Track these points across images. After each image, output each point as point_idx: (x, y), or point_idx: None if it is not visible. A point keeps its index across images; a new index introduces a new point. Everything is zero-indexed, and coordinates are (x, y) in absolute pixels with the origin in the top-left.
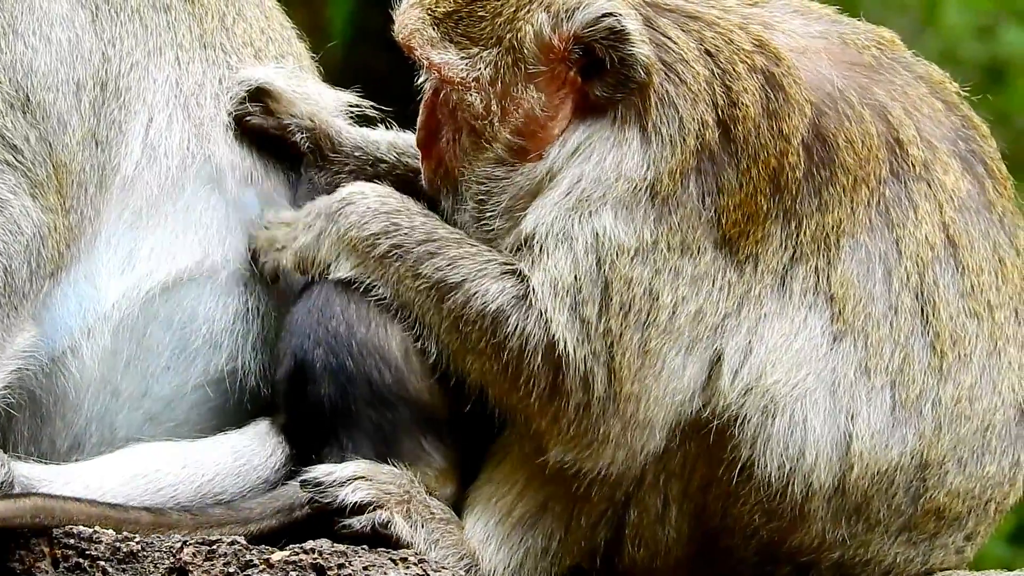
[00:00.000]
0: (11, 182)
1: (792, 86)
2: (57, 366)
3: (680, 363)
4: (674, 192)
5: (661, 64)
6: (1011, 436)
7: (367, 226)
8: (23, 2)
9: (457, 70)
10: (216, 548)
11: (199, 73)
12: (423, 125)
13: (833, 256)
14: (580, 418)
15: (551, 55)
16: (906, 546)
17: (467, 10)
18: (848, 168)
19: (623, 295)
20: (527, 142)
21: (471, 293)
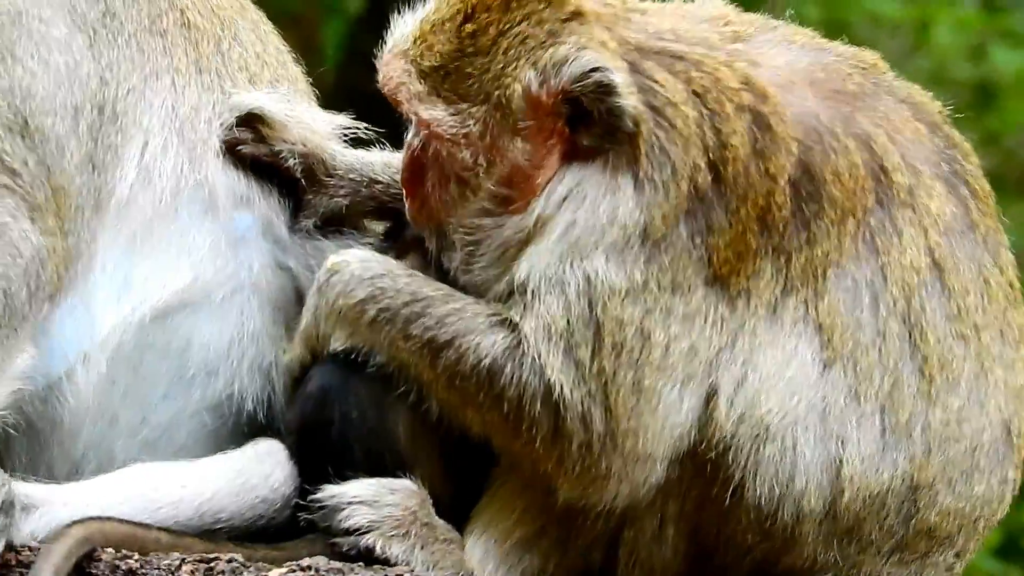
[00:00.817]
0: (10, 205)
1: (779, 124)
2: (53, 392)
3: (676, 398)
4: (665, 234)
5: (650, 110)
6: (999, 455)
7: (353, 294)
8: (21, 27)
9: (446, 126)
10: (214, 566)
11: (194, 97)
12: (407, 167)
13: (821, 287)
14: (583, 456)
15: (539, 109)
16: (898, 566)
17: (454, 66)
18: (835, 201)
19: (615, 336)
20: (513, 192)
21: (463, 349)
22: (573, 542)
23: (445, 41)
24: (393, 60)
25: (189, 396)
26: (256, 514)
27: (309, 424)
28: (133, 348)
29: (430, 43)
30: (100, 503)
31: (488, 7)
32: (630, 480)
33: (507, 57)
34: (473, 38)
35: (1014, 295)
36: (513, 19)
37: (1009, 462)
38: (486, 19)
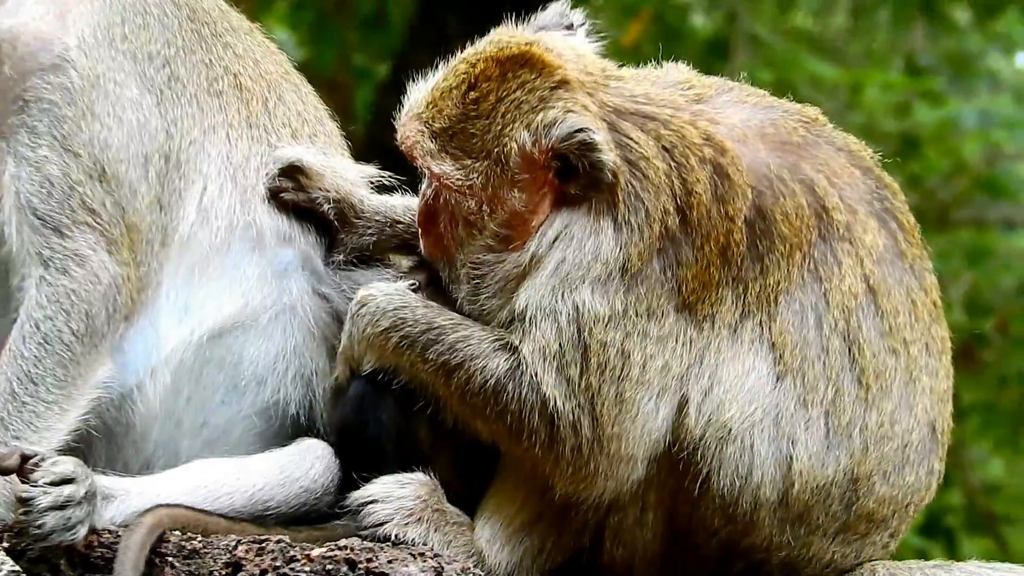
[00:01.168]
0: (91, 240)
1: (736, 173)
2: (127, 400)
3: (653, 408)
4: (641, 268)
5: (626, 164)
6: (925, 449)
7: (379, 323)
8: (100, 89)
9: (453, 179)
10: (265, 545)
11: (245, 149)
12: (422, 212)
13: (774, 310)
14: (575, 458)
15: (532, 164)
16: (842, 545)
17: (460, 127)
18: (784, 237)
19: (600, 356)
20: (512, 233)
21: (471, 371)
22: (566, 526)
23: (452, 106)
24: (409, 122)
25: (242, 402)
26: (300, 502)
27: (348, 426)
28: (194, 363)
29: (440, 107)
30: (168, 493)
31: (488, 77)
32: (615, 477)
33: (505, 120)
34: (476, 104)
35: (937, 313)
36: (509, 87)
37: (934, 455)
38: (487, 88)
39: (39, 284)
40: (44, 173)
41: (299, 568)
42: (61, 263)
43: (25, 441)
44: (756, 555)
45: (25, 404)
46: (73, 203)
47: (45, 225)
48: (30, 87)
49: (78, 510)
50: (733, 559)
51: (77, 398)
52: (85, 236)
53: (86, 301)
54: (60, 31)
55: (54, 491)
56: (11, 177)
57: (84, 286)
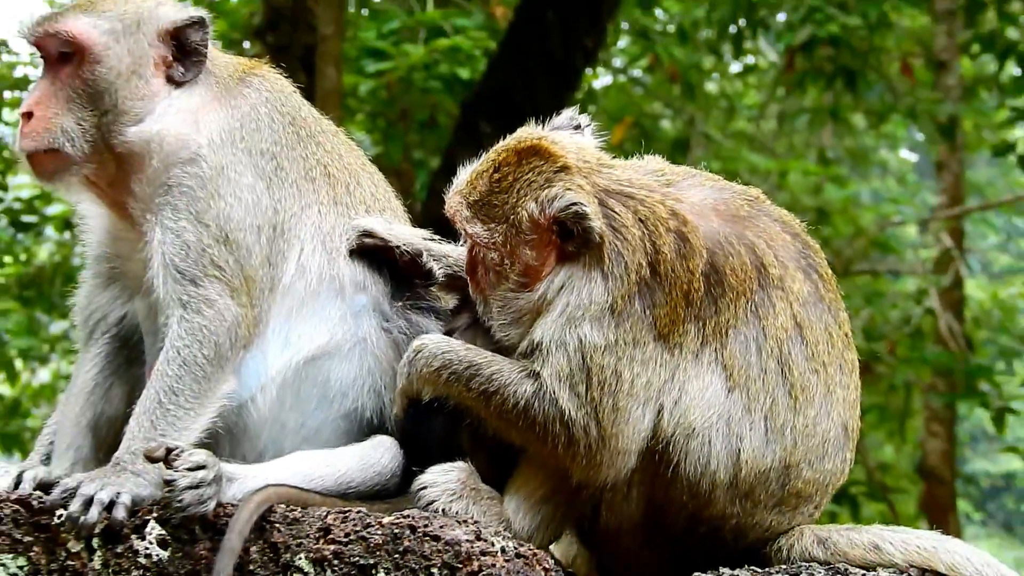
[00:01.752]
0: (218, 288)
1: (694, 238)
2: (243, 408)
3: (640, 414)
4: (625, 308)
5: (610, 229)
6: (840, 444)
7: (432, 364)
8: (224, 176)
9: (482, 238)
10: (348, 514)
11: (332, 220)
12: (467, 264)
13: (725, 341)
14: (587, 454)
15: (539, 227)
16: (778, 515)
17: (487, 199)
18: (732, 286)
19: (599, 376)
20: (528, 279)
21: (506, 395)
22: (573, 500)
23: (483, 184)
24: (453, 196)
25: (330, 409)
26: (374, 483)
27: (409, 435)
28: (293, 380)
29: (474, 185)
30: (275, 476)
31: (508, 163)
32: (615, 467)
33: (519, 194)
34: (499, 182)
35: (848, 342)
36: (523, 171)
37: (847, 449)
38: (507, 171)
39: (179, 321)
40: (183, 239)
41: (374, 531)
42: (196, 305)
43: (169, 438)
44: (714, 522)
45: (169, 410)
46: (205, 261)
47: (184, 277)
48: (172, 175)
49: (208, 489)
50: (697, 525)
51: (207, 406)
52: (214, 285)
53: (215, 334)
54: (195, 133)
55: (191, 475)
56: (158, 242)
57: (213, 323)
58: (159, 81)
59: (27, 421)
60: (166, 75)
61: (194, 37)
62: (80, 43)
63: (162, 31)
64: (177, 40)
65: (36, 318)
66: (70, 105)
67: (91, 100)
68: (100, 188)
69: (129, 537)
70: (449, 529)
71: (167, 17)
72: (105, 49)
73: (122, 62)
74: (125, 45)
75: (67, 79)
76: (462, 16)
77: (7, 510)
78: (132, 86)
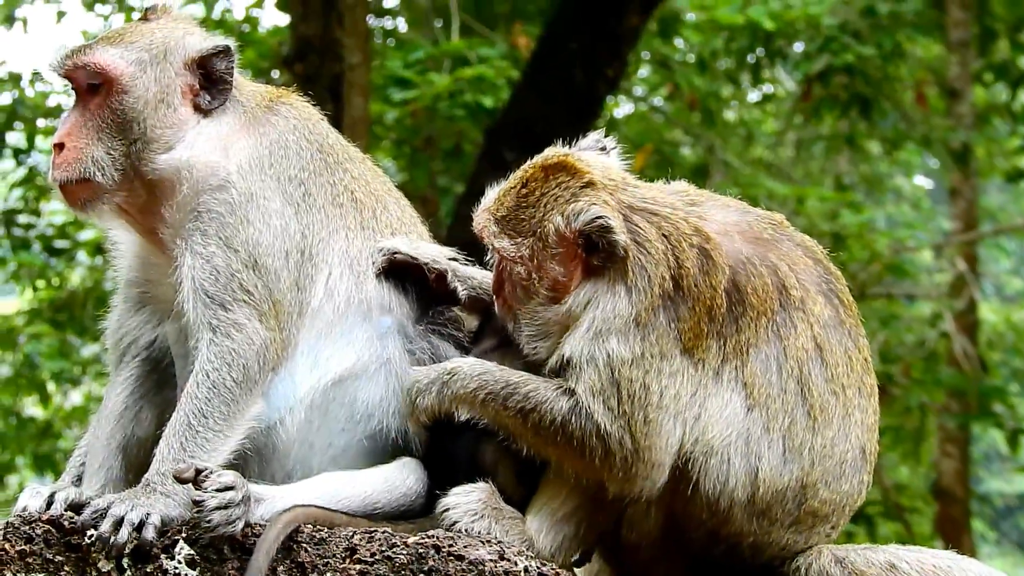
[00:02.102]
0: (247, 312)
1: (717, 255)
2: (272, 429)
3: (671, 426)
4: (650, 321)
5: (634, 243)
6: (857, 466)
7: (468, 385)
8: (253, 202)
9: (509, 252)
10: (374, 534)
11: (359, 244)
12: (494, 281)
13: (746, 359)
14: (623, 466)
15: (565, 241)
16: (794, 534)
17: (514, 215)
18: (754, 306)
19: (628, 389)
20: (555, 293)
21: (543, 412)
22: (595, 517)
23: (510, 200)
24: (481, 213)
25: (356, 430)
26: (398, 504)
27: (435, 455)
28: (321, 402)
29: (502, 201)
30: (303, 497)
31: (535, 179)
32: (651, 478)
33: (546, 208)
34: (526, 197)
35: (867, 366)
36: (550, 186)
37: (864, 471)
38: (534, 186)
39: (208, 345)
40: (212, 264)
41: (399, 551)
42: (225, 329)
43: (198, 459)
44: (732, 540)
45: (198, 432)
46: (234, 286)
47: (213, 302)
48: (202, 202)
49: (237, 510)
50: (715, 542)
51: (236, 428)
52: (243, 310)
53: (243, 357)
54: (224, 160)
55: (219, 496)
56: (188, 267)
57: (242, 346)
58: (187, 109)
59: (59, 443)
60: (193, 103)
61: (220, 65)
62: (108, 74)
63: (189, 60)
64: (204, 68)
65: (68, 341)
66: (100, 135)
67: (120, 129)
68: (132, 215)
69: (158, 557)
70: (473, 549)
71: (193, 46)
72: (132, 79)
73: (149, 91)
74: (152, 74)
75: (96, 109)
76: (486, 46)
77: (39, 530)
78: (160, 114)
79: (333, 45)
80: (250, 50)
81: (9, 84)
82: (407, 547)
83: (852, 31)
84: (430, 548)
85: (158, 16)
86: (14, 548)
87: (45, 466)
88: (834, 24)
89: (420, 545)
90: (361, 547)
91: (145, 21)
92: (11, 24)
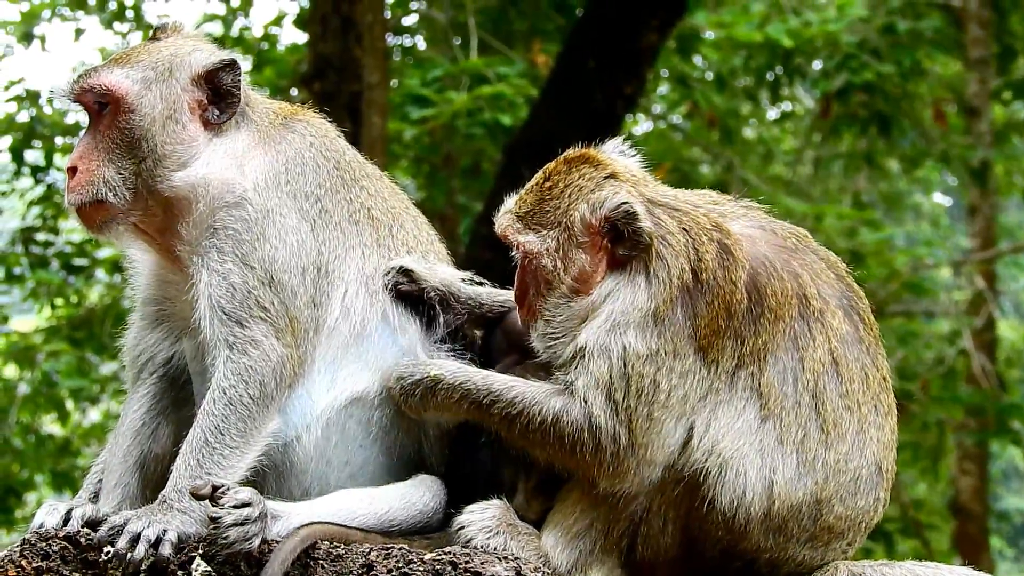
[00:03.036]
0: (264, 329)
1: (737, 251)
2: (289, 446)
3: (672, 427)
4: (668, 315)
5: (658, 234)
6: (872, 482)
7: (452, 396)
8: (269, 219)
9: (535, 246)
10: (391, 551)
11: (375, 262)
12: (517, 287)
13: (763, 366)
14: (614, 461)
15: (591, 230)
16: (810, 550)
17: (538, 207)
18: (772, 309)
19: (638, 384)
20: (580, 285)
21: (530, 415)
22: (610, 533)
23: (533, 195)
24: (503, 215)
25: (373, 447)
26: (415, 520)
27: (453, 467)
28: (338, 419)
29: (524, 199)
30: (320, 514)
31: (558, 171)
32: (640, 475)
33: (570, 199)
34: (549, 190)
35: (885, 385)
36: (573, 177)
37: (880, 487)
38: (557, 178)
39: (225, 361)
40: (229, 281)
41: (416, 568)
42: (242, 346)
43: (215, 476)
44: (748, 556)
45: (215, 449)
46: (250, 303)
47: (230, 319)
48: (218, 219)
49: (253, 526)
50: (731, 559)
51: (253, 444)
52: (259, 326)
53: (260, 374)
54: (240, 178)
55: (236, 512)
56: (204, 284)
57: (259, 363)
58: (196, 126)
59: (78, 460)
60: (203, 119)
61: (226, 79)
62: (114, 94)
63: (195, 75)
64: (211, 83)
65: (87, 359)
66: (110, 156)
67: (129, 148)
68: (149, 235)
69: (175, 573)
70: (490, 565)
71: (199, 62)
72: (138, 98)
73: (156, 108)
74: (158, 91)
75: (106, 131)
76: (504, 64)
77: (56, 547)
78: (169, 131)
79: (351, 63)
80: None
81: (27, 102)
82: (424, 564)
83: (871, 49)
84: (447, 564)
85: (167, 35)
86: (31, 565)
87: (63, 483)
88: (853, 42)
89: (437, 562)
90: (378, 563)
91: (154, 40)
92: (29, 42)
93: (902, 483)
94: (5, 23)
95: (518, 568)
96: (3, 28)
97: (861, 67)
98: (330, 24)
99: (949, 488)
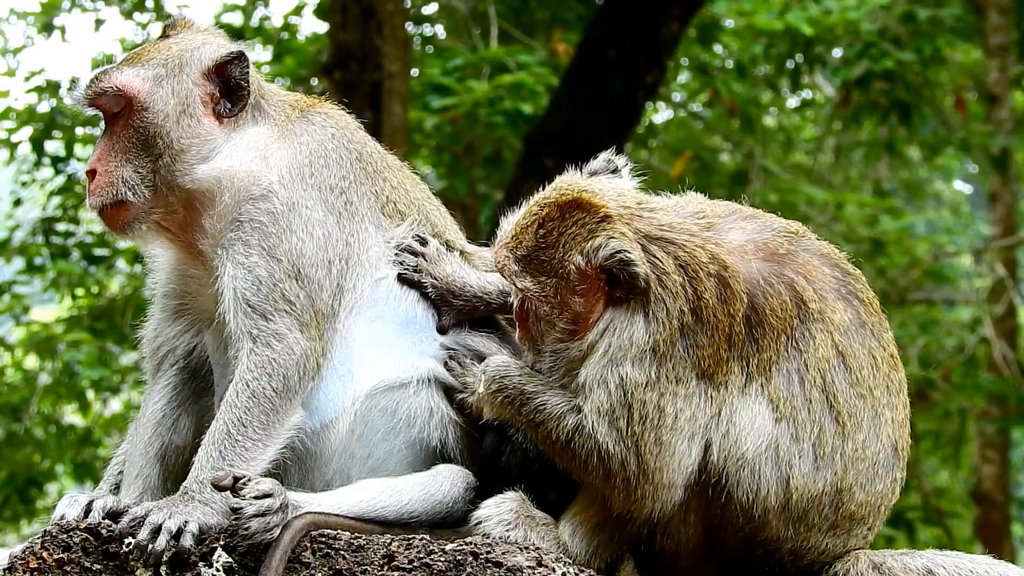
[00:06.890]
0: (288, 322)
1: (734, 283)
2: (312, 439)
3: (686, 447)
4: (667, 351)
5: (654, 275)
6: (890, 464)
7: (491, 387)
8: (296, 212)
9: (532, 291)
10: (412, 541)
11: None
12: (516, 315)
13: (769, 376)
14: (625, 487)
15: (587, 277)
16: (832, 538)
17: (535, 255)
18: (773, 326)
19: (640, 411)
20: (576, 327)
21: (551, 426)
22: (628, 525)
23: (528, 239)
24: (500, 250)
25: (396, 438)
26: (436, 511)
27: (486, 459)
28: (361, 411)
29: (520, 239)
30: (340, 505)
31: (552, 218)
32: (660, 500)
33: (565, 248)
34: (544, 238)
35: (893, 362)
36: (567, 224)
37: (897, 468)
38: (551, 226)
39: (249, 354)
40: (255, 274)
41: (436, 558)
42: (266, 339)
43: (237, 467)
44: (769, 545)
45: (237, 441)
46: (276, 296)
47: (255, 312)
48: (244, 211)
49: (274, 517)
50: (753, 547)
51: (276, 437)
52: (284, 320)
53: (284, 367)
54: (265, 170)
55: (257, 503)
56: (229, 277)
57: (282, 356)
58: (211, 120)
59: (99, 451)
60: (215, 112)
61: (236, 72)
62: (126, 94)
63: (205, 69)
64: (222, 76)
65: (108, 349)
66: (127, 155)
67: (145, 146)
68: (172, 232)
69: (196, 565)
70: (511, 556)
71: (208, 55)
72: (150, 95)
73: (168, 104)
74: (169, 87)
75: (121, 131)
76: (525, 53)
77: (77, 538)
78: (183, 126)
79: (372, 53)
80: (289, 58)
81: (47, 93)
82: (445, 554)
83: (891, 37)
84: (468, 555)
85: (177, 31)
86: (52, 556)
87: (85, 474)
88: (873, 30)
89: (458, 552)
90: (399, 554)
91: (164, 38)
92: (49, 33)
93: (924, 471)
94: (25, 14)
95: (539, 558)
96: (24, 19)
97: (881, 55)
98: (350, 13)
99: (971, 476)
